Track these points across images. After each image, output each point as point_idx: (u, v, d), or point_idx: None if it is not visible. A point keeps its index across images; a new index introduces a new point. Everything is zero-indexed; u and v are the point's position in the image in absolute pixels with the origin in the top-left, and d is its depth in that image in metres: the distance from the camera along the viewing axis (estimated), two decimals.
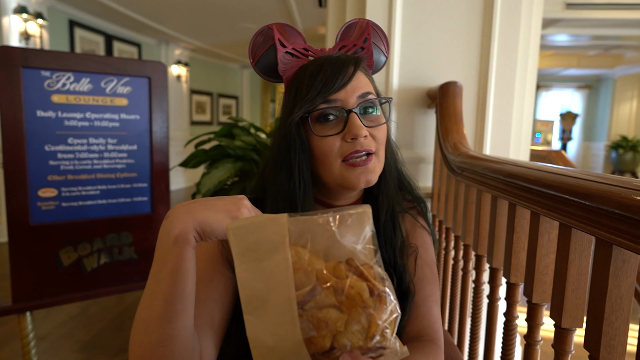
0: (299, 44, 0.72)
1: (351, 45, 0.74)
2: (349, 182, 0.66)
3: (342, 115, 0.66)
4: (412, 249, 0.77)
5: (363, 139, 0.65)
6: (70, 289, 1.67)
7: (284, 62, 0.71)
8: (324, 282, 0.43)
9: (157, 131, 1.82)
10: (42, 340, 2.28)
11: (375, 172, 0.68)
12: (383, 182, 0.74)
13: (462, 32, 1.57)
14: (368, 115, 0.68)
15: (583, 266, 0.63)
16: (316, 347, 0.42)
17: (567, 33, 5.57)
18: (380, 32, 0.77)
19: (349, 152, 0.66)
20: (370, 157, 0.67)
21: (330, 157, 0.66)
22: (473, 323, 1.14)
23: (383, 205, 0.74)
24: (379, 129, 0.68)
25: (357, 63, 0.68)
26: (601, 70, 8.65)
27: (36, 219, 1.59)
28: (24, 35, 3.99)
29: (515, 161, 0.84)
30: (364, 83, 0.68)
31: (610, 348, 0.54)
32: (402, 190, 0.82)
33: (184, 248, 0.50)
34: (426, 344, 0.70)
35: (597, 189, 0.53)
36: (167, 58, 6.92)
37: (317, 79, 0.65)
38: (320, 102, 0.65)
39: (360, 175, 0.66)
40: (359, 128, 0.64)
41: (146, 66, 1.78)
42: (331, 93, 0.65)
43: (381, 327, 0.43)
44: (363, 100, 0.67)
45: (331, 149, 0.66)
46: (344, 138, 0.66)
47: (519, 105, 1.61)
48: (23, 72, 1.52)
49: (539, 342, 0.77)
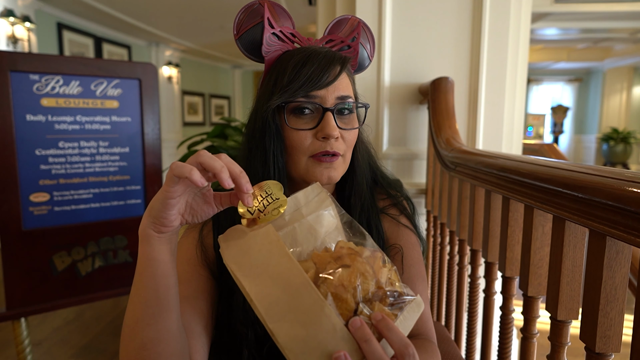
0: (287, 28, 0.71)
1: (339, 41, 0.74)
2: (312, 177, 0.67)
3: (318, 112, 0.66)
4: (395, 250, 0.76)
5: (334, 141, 0.66)
6: (65, 293, 1.66)
7: (269, 43, 0.69)
8: (321, 261, 0.47)
9: (149, 133, 1.81)
10: (38, 346, 2.26)
11: (339, 170, 0.69)
12: (354, 183, 0.75)
13: (452, 27, 1.58)
14: (343, 117, 0.68)
15: (577, 258, 0.63)
16: (345, 313, 0.44)
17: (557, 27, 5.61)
18: (369, 34, 0.77)
19: (318, 151, 0.66)
20: (336, 157, 0.67)
21: (299, 151, 0.67)
22: (469, 317, 1.15)
23: (356, 206, 0.75)
24: (350, 132, 0.69)
25: (344, 63, 0.68)
26: (591, 63, 8.72)
27: (29, 224, 1.58)
28: (12, 39, 3.94)
29: (508, 155, 0.85)
30: (345, 84, 0.68)
31: (606, 339, 0.55)
32: (380, 189, 0.82)
33: (147, 245, 0.50)
34: (425, 342, 0.70)
35: (590, 181, 0.53)
36: (158, 59, 6.87)
37: (302, 71, 0.65)
38: (300, 95, 0.65)
39: (324, 170, 0.67)
40: (332, 129, 0.65)
41: (136, 68, 1.77)
42: (313, 90, 0.65)
43: (383, 271, 0.48)
44: (341, 101, 0.67)
45: (301, 143, 0.66)
46: (316, 135, 0.66)
47: (510, 100, 1.62)
48: (11, 76, 1.50)
49: (535, 335, 0.78)
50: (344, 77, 0.69)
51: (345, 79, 0.69)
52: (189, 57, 7.76)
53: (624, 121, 8.61)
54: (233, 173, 0.48)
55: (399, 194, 0.82)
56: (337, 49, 0.73)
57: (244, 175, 0.49)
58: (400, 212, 0.80)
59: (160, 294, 0.51)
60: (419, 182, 1.65)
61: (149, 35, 6.29)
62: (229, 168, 0.48)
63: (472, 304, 1.13)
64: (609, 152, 8.55)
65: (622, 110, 8.68)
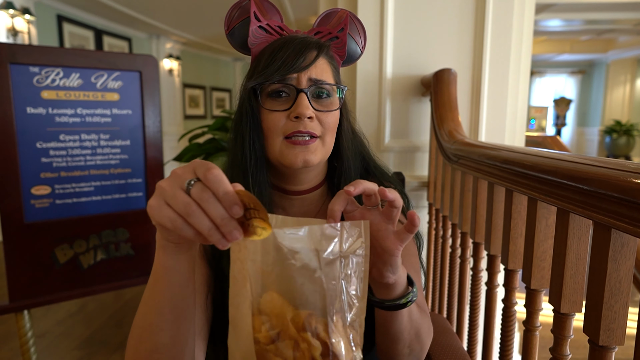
0: (274, 21, 0.72)
1: (326, 32, 0.74)
2: (287, 160, 0.66)
3: (292, 94, 0.67)
4: None
5: (307, 120, 0.66)
6: (67, 286, 1.66)
7: (256, 35, 0.71)
8: (287, 335, 0.43)
9: (150, 126, 1.80)
10: (41, 338, 2.27)
11: (317, 154, 0.68)
12: (342, 170, 0.75)
13: (455, 19, 1.56)
14: (320, 100, 0.69)
15: (581, 251, 0.63)
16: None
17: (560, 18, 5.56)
18: (359, 25, 0.77)
19: (291, 130, 0.66)
20: (313, 140, 0.67)
21: (273, 133, 0.67)
22: (472, 310, 1.15)
23: None
24: (328, 115, 0.68)
25: (320, 48, 0.68)
26: (594, 55, 8.65)
27: (30, 217, 1.58)
28: (12, 31, 3.92)
29: (511, 147, 0.84)
30: (322, 69, 0.69)
31: (610, 332, 0.55)
32: (373, 180, 0.81)
33: (164, 255, 0.47)
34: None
35: (594, 173, 0.53)
36: (159, 52, 6.84)
37: (277, 55, 0.66)
38: (275, 79, 0.65)
39: (298, 153, 0.66)
40: (305, 108, 0.65)
41: (137, 60, 1.75)
42: (288, 73, 0.65)
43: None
44: (315, 84, 0.67)
45: (275, 124, 0.66)
46: (289, 116, 0.66)
47: (513, 92, 1.61)
48: (11, 68, 1.49)
49: (538, 328, 0.77)
50: (322, 63, 0.69)
51: (324, 65, 0.69)
52: (190, 49, 7.72)
53: (627, 114, 8.56)
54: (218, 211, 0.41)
55: (392, 186, 0.81)
56: (325, 40, 0.74)
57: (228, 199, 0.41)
58: None
59: (175, 303, 0.49)
60: (421, 175, 1.65)
61: (150, 28, 6.25)
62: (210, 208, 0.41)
63: (474, 296, 1.13)
64: (612, 144, 8.51)
65: (625, 102, 8.63)
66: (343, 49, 0.75)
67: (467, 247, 1.17)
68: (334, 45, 0.75)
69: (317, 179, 0.77)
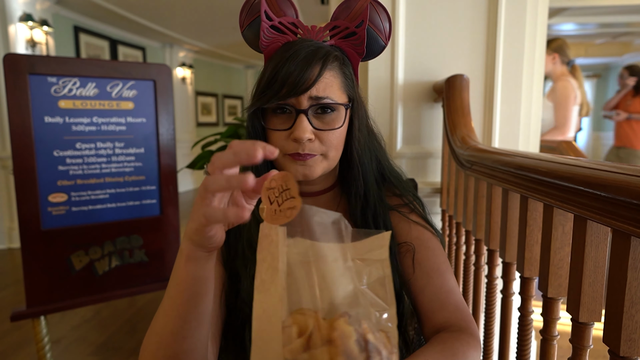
0: (288, 18, 0.69)
1: (343, 27, 0.69)
2: None
3: (293, 112, 0.66)
4: (406, 247, 0.74)
5: (307, 142, 0.65)
6: (82, 292, 1.68)
7: (267, 37, 0.68)
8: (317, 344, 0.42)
9: (164, 133, 1.82)
10: (57, 343, 2.30)
11: (317, 169, 0.68)
12: (352, 178, 0.74)
13: (467, 24, 1.55)
14: (324, 116, 0.67)
15: (600, 259, 0.61)
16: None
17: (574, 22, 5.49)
18: (382, 12, 0.70)
19: (290, 152, 0.66)
20: (312, 156, 0.67)
21: None
22: (487, 319, 1.13)
23: (356, 203, 0.74)
24: (329, 133, 0.67)
25: (325, 61, 0.65)
26: (610, 59, 8.51)
27: (47, 224, 1.60)
28: (30, 42, 4.02)
29: (525, 153, 0.83)
30: (327, 84, 0.66)
31: (631, 342, 0.53)
32: (390, 186, 0.80)
33: (194, 265, 0.48)
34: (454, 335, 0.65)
35: (612, 179, 0.52)
36: (172, 60, 6.95)
37: (280, 73, 0.63)
38: (273, 102, 0.65)
39: (299, 168, 0.67)
40: (303, 131, 0.64)
41: (151, 69, 1.78)
42: (287, 98, 0.64)
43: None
44: (316, 102, 0.65)
45: (276, 143, 0.67)
46: (290, 136, 0.66)
47: (527, 97, 1.59)
48: (30, 78, 1.53)
49: (555, 337, 0.76)
50: (328, 77, 0.66)
51: (329, 78, 0.66)
52: (202, 58, 7.83)
53: None
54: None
55: (407, 193, 0.81)
56: (342, 36, 0.70)
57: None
58: (411, 210, 0.79)
59: (199, 311, 0.50)
60: (433, 181, 1.63)
61: (163, 37, 6.36)
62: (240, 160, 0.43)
63: (489, 304, 1.11)
64: None
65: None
66: (362, 46, 0.69)
67: (482, 254, 1.15)
68: (351, 42, 0.69)
69: (329, 181, 0.76)
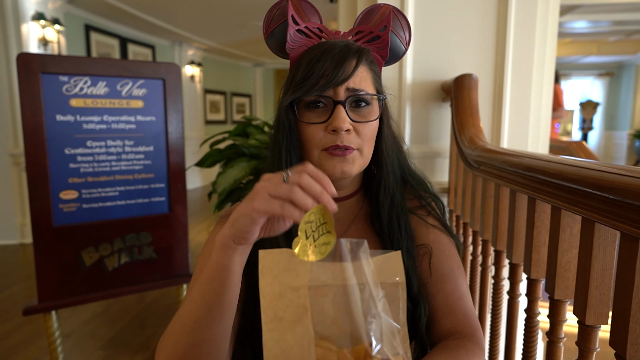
0: (313, 23, 0.69)
1: (368, 32, 0.70)
2: (325, 171, 0.65)
3: (330, 106, 0.65)
4: (424, 250, 0.75)
5: (345, 133, 0.64)
6: (93, 288, 1.71)
7: (294, 40, 0.68)
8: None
9: (173, 132, 1.84)
10: (67, 338, 2.34)
11: (355, 165, 0.67)
12: (382, 177, 0.73)
13: (476, 22, 1.54)
14: (359, 109, 0.67)
15: (607, 261, 0.61)
16: None
17: (586, 19, 5.42)
18: (403, 20, 0.73)
19: (328, 145, 0.65)
20: (350, 150, 0.66)
21: (311, 145, 0.66)
22: (493, 320, 1.13)
23: (384, 203, 0.73)
24: (366, 125, 0.67)
25: (360, 56, 0.66)
26: (623, 57, 8.39)
27: (59, 220, 1.63)
28: (42, 41, 4.07)
29: (533, 154, 0.82)
30: (361, 78, 0.66)
31: (638, 346, 0.53)
32: (409, 189, 0.80)
33: (224, 254, 0.51)
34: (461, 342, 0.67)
35: (621, 182, 0.51)
36: (181, 59, 6.99)
37: (315, 67, 0.64)
38: (314, 94, 0.64)
39: (337, 164, 0.66)
40: (342, 121, 0.63)
41: (160, 68, 1.80)
42: (326, 89, 0.64)
43: None
44: (353, 94, 0.65)
45: (313, 137, 0.66)
46: (327, 129, 0.65)
47: (537, 96, 1.58)
48: (42, 77, 1.55)
49: (562, 339, 0.75)
50: (362, 71, 0.67)
51: (363, 73, 0.67)
52: (211, 56, 7.86)
53: None
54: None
55: (427, 195, 0.80)
56: (366, 40, 0.71)
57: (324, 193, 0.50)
58: (429, 212, 0.79)
59: (225, 301, 0.52)
60: (441, 181, 1.63)
61: (172, 35, 6.40)
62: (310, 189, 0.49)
63: (495, 305, 1.11)
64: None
65: None
66: (385, 49, 0.71)
67: (489, 255, 1.15)
68: (375, 45, 0.71)
69: (354, 186, 0.76)
